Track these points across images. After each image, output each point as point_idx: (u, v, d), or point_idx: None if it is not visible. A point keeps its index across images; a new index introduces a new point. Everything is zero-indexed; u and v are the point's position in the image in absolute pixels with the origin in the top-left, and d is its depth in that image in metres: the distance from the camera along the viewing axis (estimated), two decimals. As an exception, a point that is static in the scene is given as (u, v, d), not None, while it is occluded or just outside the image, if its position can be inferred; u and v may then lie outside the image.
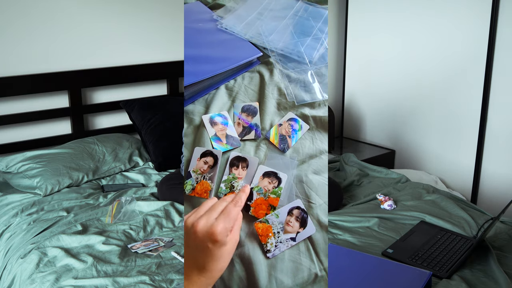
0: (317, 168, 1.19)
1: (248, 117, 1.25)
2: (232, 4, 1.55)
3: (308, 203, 1.14)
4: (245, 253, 1.07)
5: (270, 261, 1.08)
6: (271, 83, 1.34)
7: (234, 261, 1.06)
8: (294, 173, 1.17)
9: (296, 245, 1.09)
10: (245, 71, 1.37)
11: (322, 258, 1.09)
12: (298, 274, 1.07)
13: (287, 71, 1.36)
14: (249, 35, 1.44)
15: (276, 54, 1.40)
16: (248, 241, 1.08)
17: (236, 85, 1.33)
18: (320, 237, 1.11)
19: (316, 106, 1.28)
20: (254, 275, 1.06)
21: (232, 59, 1.34)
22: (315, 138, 1.23)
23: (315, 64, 1.37)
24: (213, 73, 1.29)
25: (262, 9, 1.52)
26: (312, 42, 1.42)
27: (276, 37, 1.43)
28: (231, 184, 1.12)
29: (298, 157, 1.20)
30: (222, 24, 1.46)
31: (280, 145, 1.21)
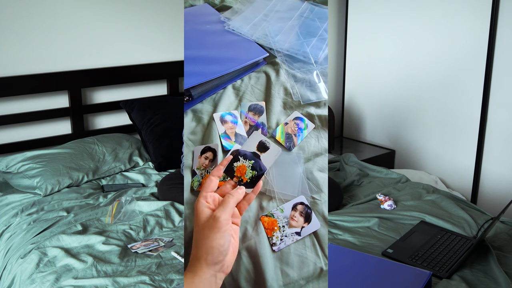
0: (322, 166, 1.22)
1: (254, 116, 1.28)
2: (239, 6, 1.58)
3: (313, 200, 1.17)
4: (252, 247, 1.10)
5: (277, 254, 1.10)
6: (277, 83, 1.36)
7: (241, 253, 1.09)
8: (301, 168, 1.20)
9: (302, 239, 1.11)
10: (252, 71, 1.40)
11: (327, 253, 1.11)
12: (304, 268, 1.09)
13: (293, 71, 1.39)
14: (255, 36, 1.47)
15: (282, 54, 1.43)
16: (255, 235, 1.11)
17: (243, 85, 1.36)
18: (326, 232, 1.13)
19: (321, 105, 1.30)
20: (261, 267, 1.08)
21: (239, 60, 1.37)
22: (320, 136, 1.26)
23: (321, 64, 1.40)
24: (221, 73, 1.32)
25: (268, 11, 1.55)
26: (317, 42, 1.45)
27: (282, 37, 1.46)
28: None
29: (304, 155, 1.23)
30: (230, 26, 1.49)
31: (286, 144, 1.24)
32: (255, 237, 1.10)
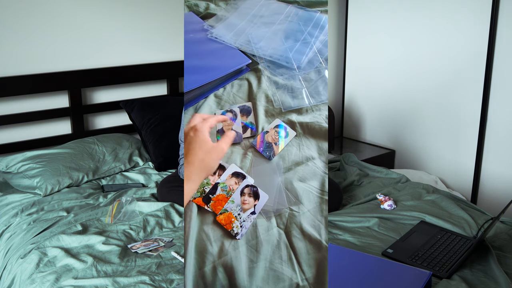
0: (303, 176, 1.19)
1: (243, 117, 1.27)
2: (223, 13, 1.55)
3: (291, 211, 1.14)
4: (227, 262, 1.08)
5: (252, 270, 1.08)
6: (259, 90, 1.35)
7: (217, 270, 1.07)
8: (281, 178, 1.18)
9: (279, 253, 1.09)
10: (235, 78, 1.39)
11: (304, 268, 1.08)
12: (279, 283, 1.07)
13: (275, 78, 1.37)
14: (238, 43, 1.44)
15: (265, 60, 1.41)
16: (232, 250, 1.09)
17: (225, 93, 1.35)
18: (303, 246, 1.10)
19: (303, 112, 1.28)
20: (236, 283, 1.06)
21: (221, 68, 1.36)
22: (302, 144, 1.23)
23: (304, 69, 1.37)
24: (202, 83, 1.32)
25: (252, 16, 1.53)
26: (300, 47, 1.42)
27: (265, 43, 1.44)
28: (202, 189, 1.14)
29: (284, 164, 1.20)
30: (212, 34, 1.47)
31: (266, 153, 1.22)
32: (232, 252, 1.09)
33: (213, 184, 1.15)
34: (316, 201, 1.15)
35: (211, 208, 1.12)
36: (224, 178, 1.15)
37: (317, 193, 1.17)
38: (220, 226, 1.11)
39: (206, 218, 1.12)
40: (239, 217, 1.11)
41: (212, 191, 1.14)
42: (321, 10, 1.56)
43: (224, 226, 1.10)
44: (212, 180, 1.16)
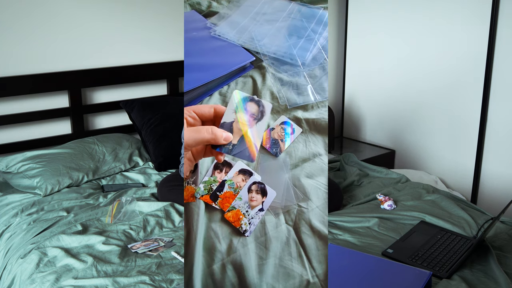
0: (310, 172, 1.19)
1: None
2: (225, 11, 1.56)
3: (300, 208, 1.14)
4: (237, 259, 1.08)
5: (262, 267, 1.08)
6: (264, 87, 1.35)
7: (226, 267, 1.07)
8: (289, 175, 1.18)
9: (288, 250, 1.09)
10: (239, 76, 1.39)
11: (314, 265, 1.08)
12: (289, 280, 1.07)
13: (279, 75, 1.37)
14: (242, 40, 1.45)
15: (269, 57, 1.41)
16: (241, 247, 1.09)
17: (229, 90, 1.35)
18: (312, 242, 1.10)
19: (309, 108, 1.28)
20: (245, 280, 1.06)
21: (225, 66, 1.36)
22: (308, 141, 1.24)
23: (308, 66, 1.38)
24: (206, 81, 1.32)
25: (255, 14, 1.53)
26: (305, 43, 1.42)
27: (269, 40, 1.44)
28: (210, 187, 1.14)
29: (291, 161, 1.20)
30: (216, 31, 1.48)
31: (272, 150, 1.22)
32: (241, 249, 1.09)
33: (220, 181, 1.15)
34: (324, 197, 1.16)
35: (219, 205, 1.12)
36: (231, 175, 1.15)
37: (325, 189, 1.18)
38: (228, 224, 1.11)
39: (214, 216, 1.12)
40: (247, 214, 1.11)
41: (220, 189, 1.13)
42: (323, 7, 1.57)
43: (232, 223, 1.10)
44: (219, 177, 1.15)
